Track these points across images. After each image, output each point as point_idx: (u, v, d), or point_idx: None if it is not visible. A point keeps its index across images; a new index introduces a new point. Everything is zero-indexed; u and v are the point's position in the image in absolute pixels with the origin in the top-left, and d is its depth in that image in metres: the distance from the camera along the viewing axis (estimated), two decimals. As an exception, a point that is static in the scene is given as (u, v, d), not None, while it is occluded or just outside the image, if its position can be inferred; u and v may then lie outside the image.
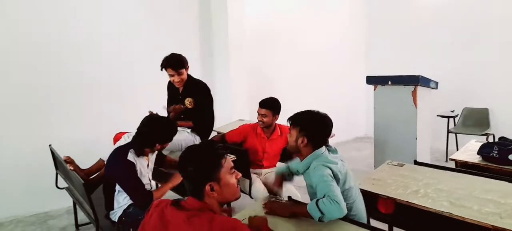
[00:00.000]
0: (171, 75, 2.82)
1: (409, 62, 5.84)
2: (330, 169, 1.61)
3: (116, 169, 2.09)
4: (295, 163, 1.94)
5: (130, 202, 2.12)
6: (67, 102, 3.52)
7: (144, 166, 2.17)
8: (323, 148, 1.75)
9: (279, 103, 2.87)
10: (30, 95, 3.32)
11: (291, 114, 1.86)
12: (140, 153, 2.13)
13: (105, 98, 3.76)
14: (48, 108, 3.42)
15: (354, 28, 6.55)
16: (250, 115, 4.28)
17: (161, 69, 2.81)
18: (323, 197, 1.49)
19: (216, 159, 1.26)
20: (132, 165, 2.06)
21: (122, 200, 2.13)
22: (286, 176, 2.01)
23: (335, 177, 1.61)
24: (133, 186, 2.05)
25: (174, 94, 3.02)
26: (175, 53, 2.82)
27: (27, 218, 3.30)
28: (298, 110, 1.85)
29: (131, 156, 2.08)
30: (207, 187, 1.22)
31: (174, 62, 2.76)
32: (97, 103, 3.71)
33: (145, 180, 2.15)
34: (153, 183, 2.40)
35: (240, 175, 1.35)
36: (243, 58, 4.50)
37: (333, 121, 1.81)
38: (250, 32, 4.71)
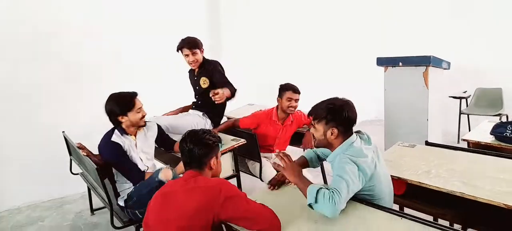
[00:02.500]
0: (186, 56, 2.87)
1: (421, 43, 5.70)
2: (358, 165, 1.49)
3: (105, 152, 2.19)
4: (324, 149, 1.84)
5: (130, 185, 2.20)
6: (79, 91, 3.57)
7: (132, 145, 2.22)
8: (354, 137, 1.62)
9: None
10: (44, 84, 3.37)
11: (300, 98, 1.83)
12: (121, 132, 2.19)
13: (115, 86, 3.78)
14: (61, 96, 3.48)
15: (365, 9, 6.40)
16: (258, 99, 4.27)
17: (177, 51, 2.89)
18: (329, 189, 1.40)
19: (216, 140, 1.62)
20: (118, 145, 2.14)
21: (123, 185, 2.22)
22: (314, 162, 1.95)
23: (362, 172, 1.49)
24: (123, 165, 2.16)
25: (192, 78, 3.08)
26: (190, 36, 2.90)
27: (44, 204, 3.40)
28: (309, 96, 1.81)
29: (115, 137, 2.15)
30: (213, 160, 1.57)
31: (189, 42, 2.84)
32: (108, 90, 3.74)
33: (135, 159, 2.21)
34: (156, 162, 2.45)
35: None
36: (251, 42, 4.45)
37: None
38: (258, 15, 4.64)
